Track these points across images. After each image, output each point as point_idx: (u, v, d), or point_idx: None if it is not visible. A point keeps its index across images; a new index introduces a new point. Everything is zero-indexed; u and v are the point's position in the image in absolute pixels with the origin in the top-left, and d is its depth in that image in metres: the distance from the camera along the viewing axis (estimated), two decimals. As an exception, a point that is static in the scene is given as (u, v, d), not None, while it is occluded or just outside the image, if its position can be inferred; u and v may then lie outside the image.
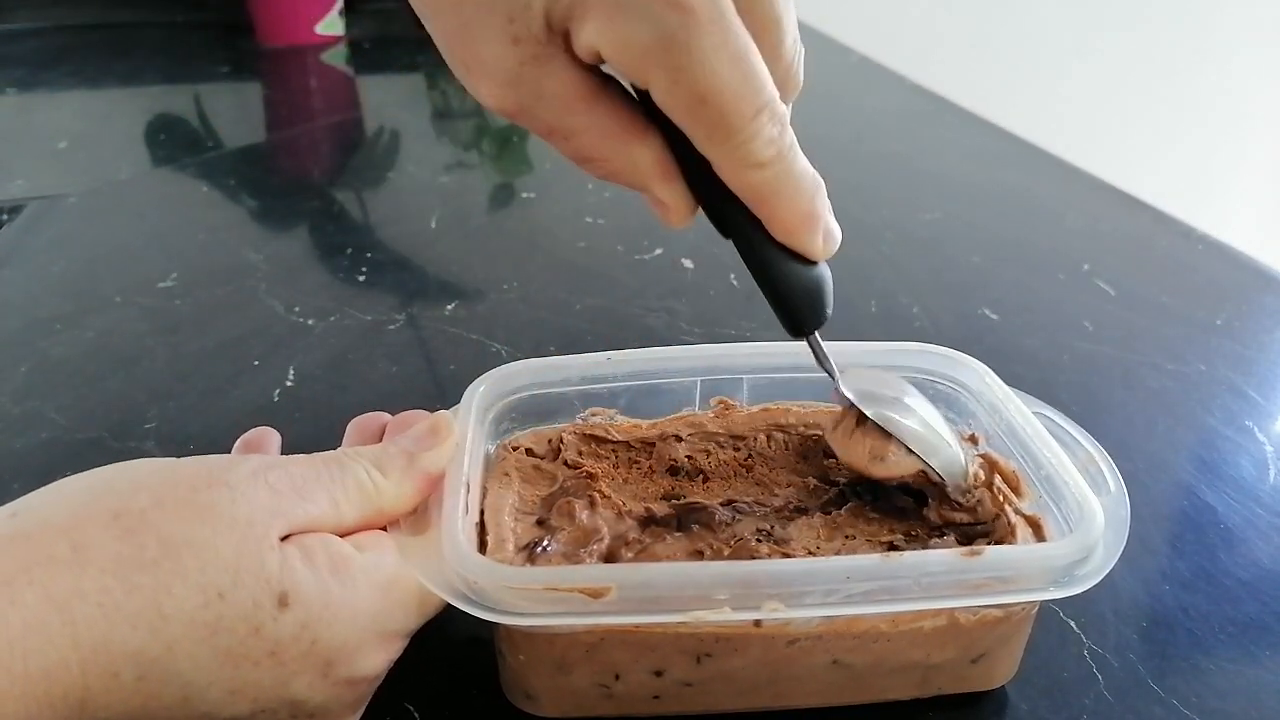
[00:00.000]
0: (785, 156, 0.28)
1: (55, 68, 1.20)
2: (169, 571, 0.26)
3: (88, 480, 0.28)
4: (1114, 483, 0.35)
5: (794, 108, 0.31)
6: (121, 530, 0.26)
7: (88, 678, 0.25)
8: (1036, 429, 0.36)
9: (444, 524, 0.31)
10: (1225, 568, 0.42)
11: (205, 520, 0.27)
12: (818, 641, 0.32)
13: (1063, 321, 0.63)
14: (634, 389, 0.40)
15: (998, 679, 0.35)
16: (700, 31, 0.25)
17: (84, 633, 0.24)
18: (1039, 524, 0.35)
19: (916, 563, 0.30)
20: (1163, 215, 0.79)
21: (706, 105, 0.26)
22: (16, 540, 0.25)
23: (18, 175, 0.86)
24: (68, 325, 0.60)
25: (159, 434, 0.50)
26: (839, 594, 0.30)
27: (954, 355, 0.40)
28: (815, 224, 0.30)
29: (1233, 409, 0.54)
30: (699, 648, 0.32)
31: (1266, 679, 0.36)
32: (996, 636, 0.33)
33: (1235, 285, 0.69)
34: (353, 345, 0.59)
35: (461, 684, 0.35)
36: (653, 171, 0.30)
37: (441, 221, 0.78)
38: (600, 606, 0.29)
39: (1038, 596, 0.31)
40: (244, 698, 0.27)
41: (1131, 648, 0.38)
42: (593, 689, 0.33)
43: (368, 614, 0.29)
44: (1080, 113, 1.75)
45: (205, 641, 0.26)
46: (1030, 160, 0.92)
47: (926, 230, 0.77)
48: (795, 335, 0.33)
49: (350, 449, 0.32)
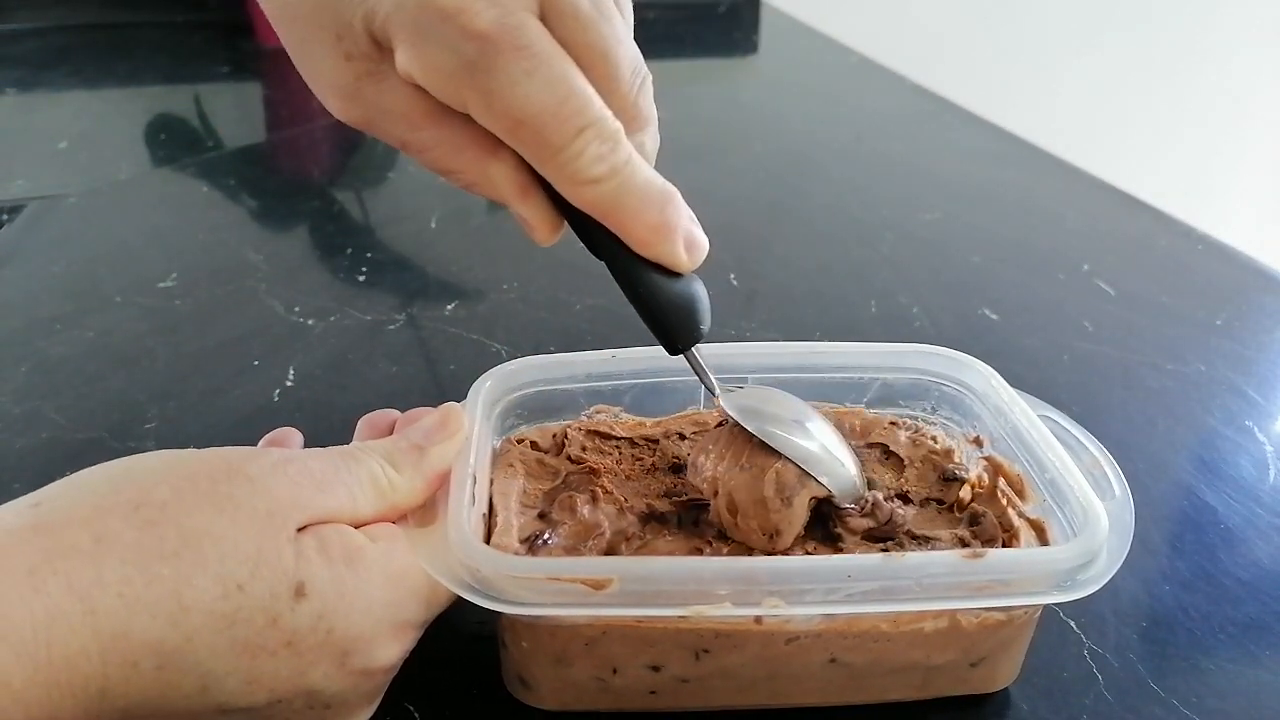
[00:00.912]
0: (621, 172, 0.29)
1: (55, 68, 1.19)
2: (189, 562, 0.26)
3: (107, 471, 0.28)
4: (1119, 487, 0.34)
5: (795, 107, 0.31)
6: (142, 521, 0.26)
7: (108, 667, 0.25)
8: (1041, 432, 0.36)
9: (450, 514, 0.31)
10: (1225, 568, 0.42)
11: (224, 511, 0.27)
12: (816, 640, 0.32)
13: (1063, 321, 0.63)
14: (639, 387, 0.40)
15: (999, 682, 0.35)
16: (503, 59, 0.27)
17: (105, 622, 0.25)
18: (1043, 528, 0.35)
19: (918, 563, 0.30)
20: (1163, 215, 0.79)
21: (524, 127, 0.28)
22: (39, 530, 0.26)
23: (18, 175, 0.86)
24: (68, 325, 0.60)
25: (159, 434, 0.50)
26: (840, 592, 0.30)
27: (959, 357, 0.40)
28: (670, 234, 0.30)
29: (1233, 409, 0.54)
30: (698, 643, 0.32)
31: (1266, 679, 0.36)
32: (998, 640, 0.33)
33: (1235, 285, 0.69)
34: (353, 345, 0.59)
35: (461, 684, 0.35)
36: (510, 188, 0.31)
37: (441, 221, 0.78)
38: (601, 598, 0.29)
39: (1040, 600, 0.31)
40: (261, 687, 0.27)
41: (1131, 648, 0.38)
42: (590, 682, 0.33)
43: (381, 604, 0.29)
44: (1080, 113, 1.75)
45: (224, 632, 0.26)
46: (1030, 160, 0.92)
47: (926, 230, 0.77)
48: (671, 351, 0.33)
49: (362, 444, 0.33)
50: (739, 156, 0.94)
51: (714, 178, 0.87)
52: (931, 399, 0.41)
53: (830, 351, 0.41)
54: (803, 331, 0.61)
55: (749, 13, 1.49)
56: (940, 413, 0.41)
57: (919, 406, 0.42)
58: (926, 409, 0.42)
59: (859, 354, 0.41)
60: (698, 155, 0.94)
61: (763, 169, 0.91)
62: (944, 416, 0.41)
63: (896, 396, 0.42)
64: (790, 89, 1.19)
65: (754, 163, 0.92)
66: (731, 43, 1.42)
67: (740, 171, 0.90)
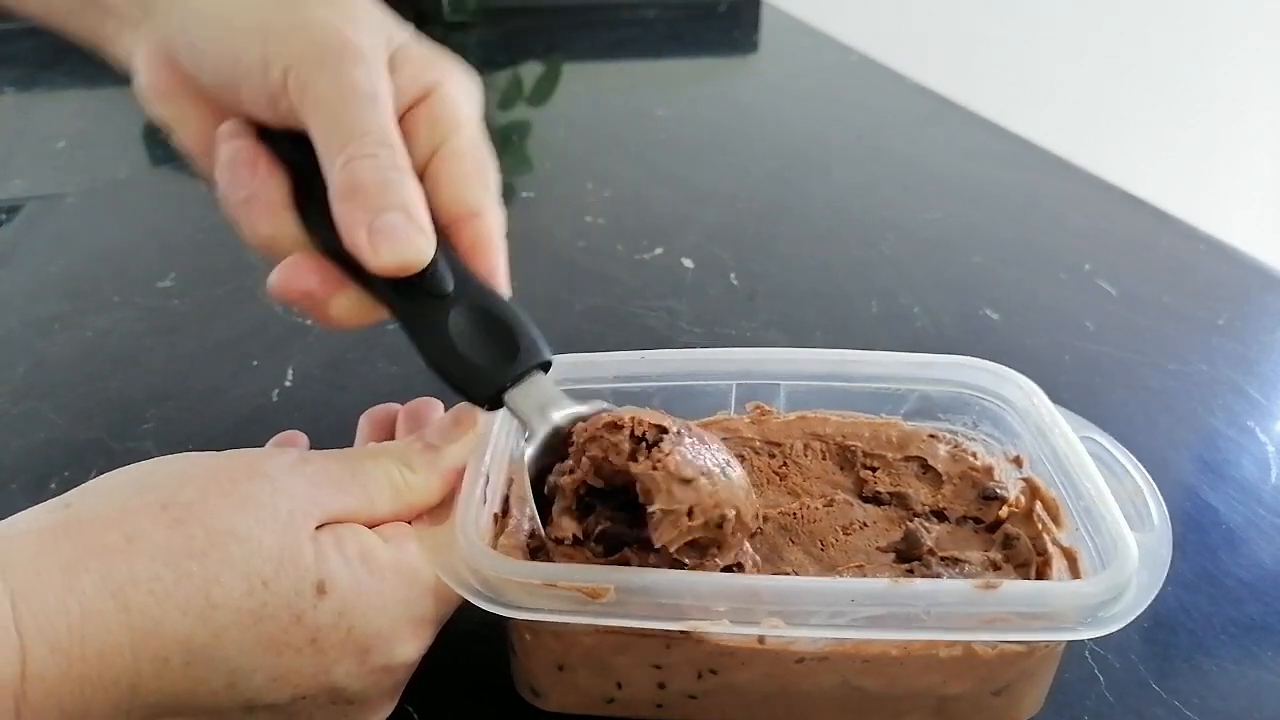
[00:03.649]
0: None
1: (54, 67, 1.19)
2: (217, 561, 0.26)
3: (132, 474, 0.29)
4: (1158, 516, 0.32)
5: (795, 106, 0.31)
6: (170, 520, 0.27)
7: (139, 662, 0.25)
8: (1080, 456, 0.34)
9: (458, 515, 0.31)
10: (1227, 568, 0.42)
11: (248, 510, 0.28)
12: (823, 662, 0.31)
13: (1064, 321, 0.63)
14: (668, 390, 0.39)
15: (1023, 712, 0.33)
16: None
17: (137, 619, 0.25)
18: (1075, 557, 0.33)
19: (927, 591, 0.29)
20: (1164, 215, 0.79)
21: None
22: (71, 529, 0.26)
23: (16, 175, 0.86)
24: (66, 325, 0.60)
25: (157, 434, 0.50)
26: (844, 616, 0.29)
27: (1001, 371, 0.39)
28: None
29: (1234, 409, 0.54)
30: (705, 662, 0.31)
31: (1268, 679, 0.36)
32: (1020, 670, 0.32)
33: (1237, 285, 0.69)
34: (351, 345, 0.58)
35: (461, 684, 0.35)
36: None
37: (441, 221, 0.77)
38: (598, 607, 0.29)
39: (1056, 636, 0.29)
40: (286, 684, 0.28)
41: (1133, 648, 0.37)
42: (595, 692, 0.33)
43: (396, 601, 0.30)
44: (1080, 113, 1.75)
45: (250, 629, 0.27)
46: (1031, 160, 0.92)
47: (927, 230, 0.77)
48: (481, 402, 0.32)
49: (375, 446, 0.33)
50: (739, 156, 0.94)
51: (714, 177, 0.87)
52: (973, 413, 0.40)
53: (865, 360, 0.39)
54: (803, 331, 0.61)
55: (749, 12, 1.49)
56: (981, 428, 0.40)
57: (959, 421, 0.40)
58: (968, 424, 0.40)
59: (895, 364, 0.39)
60: (698, 155, 0.94)
61: (763, 168, 0.90)
62: (985, 433, 0.40)
63: (935, 409, 0.40)
64: (790, 88, 1.19)
65: (754, 162, 0.92)
66: (732, 42, 1.42)
67: (740, 171, 0.89)
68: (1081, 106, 1.75)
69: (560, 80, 1.21)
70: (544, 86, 1.18)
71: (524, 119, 1.09)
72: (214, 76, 0.33)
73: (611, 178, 0.86)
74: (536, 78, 1.21)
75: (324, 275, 0.32)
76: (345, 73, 0.31)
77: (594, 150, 0.98)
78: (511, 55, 1.32)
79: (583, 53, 1.34)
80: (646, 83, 1.24)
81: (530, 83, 1.19)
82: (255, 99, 0.32)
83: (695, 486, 0.30)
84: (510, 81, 1.21)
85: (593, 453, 0.31)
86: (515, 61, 1.29)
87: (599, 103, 1.15)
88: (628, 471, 0.30)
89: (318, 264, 0.32)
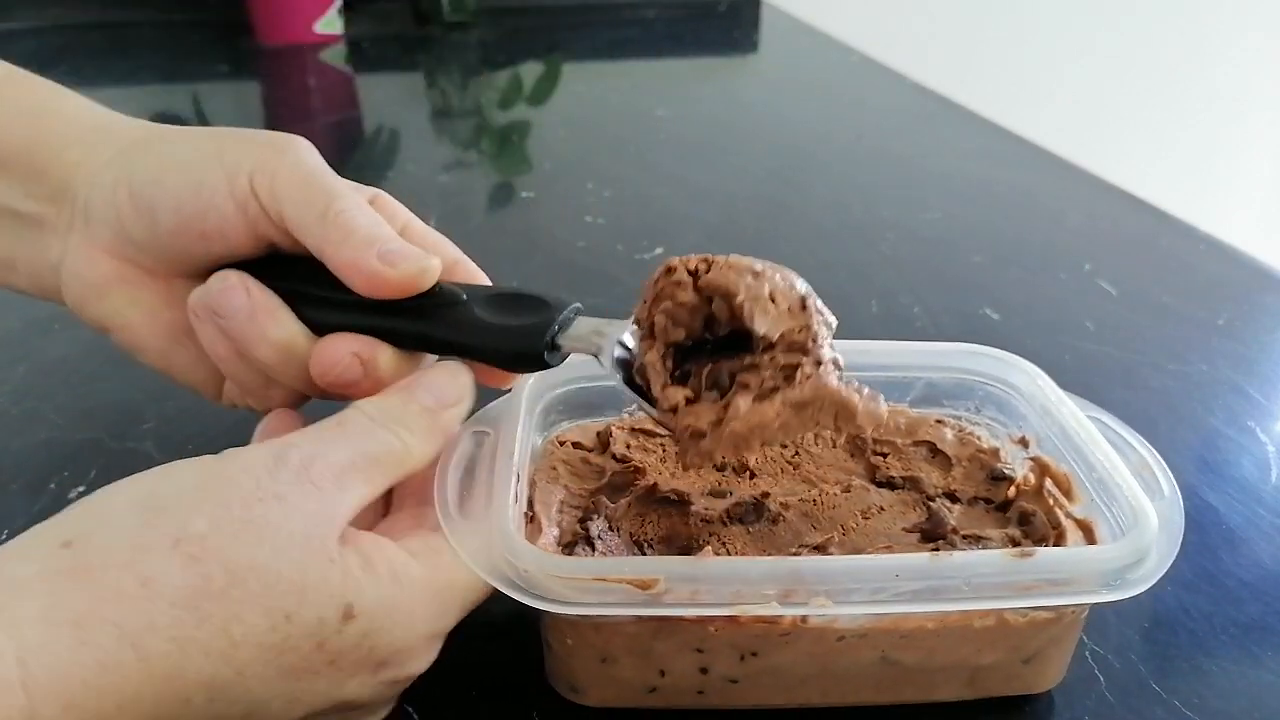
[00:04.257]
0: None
1: (54, 67, 1.19)
2: (237, 600, 0.26)
3: (131, 495, 0.28)
4: (1168, 487, 0.34)
5: (795, 105, 0.31)
6: (185, 558, 0.26)
7: (160, 707, 0.25)
8: (1090, 432, 0.36)
9: (495, 513, 0.31)
10: (1227, 568, 0.42)
11: (264, 541, 0.27)
12: (863, 639, 0.32)
13: (1064, 321, 0.63)
14: None
15: (1049, 680, 0.35)
16: None
17: (158, 665, 0.25)
18: (1090, 528, 0.35)
19: (965, 563, 0.30)
20: (1164, 214, 0.79)
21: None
22: (79, 574, 0.25)
23: (16, 174, 0.86)
24: (65, 325, 0.60)
25: (157, 434, 0.50)
26: (887, 591, 0.30)
27: (1005, 357, 0.40)
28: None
29: (1235, 409, 0.54)
30: (747, 644, 0.31)
31: (1269, 680, 0.36)
32: (1048, 637, 0.33)
33: (1237, 285, 0.69)
34: (352, 345, 0.58)
35: (461, 684, 0.35)
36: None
37: (441, 221, 0.77)
38: (648, 598, 0.29)
39: (1089, 599, 0.31)
40: (300, 704, 0.28)
41: (1133, 648, 0.37)
42: (637, 682, 0.33)
43: (423, 618, 0.29)
44: (1081, 112, 1.75)
45: (272, 662, 0.26)
46: (1031, 160, 0.92)
47: (927, 230, 0.77)
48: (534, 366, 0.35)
49: (370, 405, 0.32)
50: (739, 155, 0.94)
51: (714, 177, 0.87)
52: (976, 398, 0.41)
53: (874, 350, 0.40)
54: (803, 331, 0.60)
55: (749, 11, 1.49)
56: (985, 413, 0.41)
57: (963, 406, 0.41)
58: (971, 409, 0.41)
59: (903, 353, 0.41)
60: (698, 154, 0.94)
61: (763, 168, 0.90)
62: (989, 417, 0.41)
63: (940, 396, 0.41)
64: (791, 88, 1.19)
65: (754, 161, 0.92)
66: (732, 42, 1.42)
67: (741, 170, 0.89)
68: (1081, 106, 1.75)
69: (560, 80, 1.21)
70: (544, 86, 1.18)
71: (524, 119, 1.09)
72: (176, 215, 0.34)
73: (611, 178, 0.86)
74: (536, 78, 1.21)
75: (360, 340, 0.34)
76: (305, 159, 0.34)
77: (594, 150, 0.98)
78: (511, 55, 1.32)
79: (583, 53, 1.34)
80: (646, 83, 1.24)
81: (530, 83, 1.19)
82: (224, 218, 0.34)
83: (763, 276, 0.31)
84: (510, 81, 1.21)
85: (664, 306, 0.32)
86: (515, 61, 1.29)
87: (599, 103, 1.15)
88: (701, 294, 0.31)
89: (350, 334, 0.34)
